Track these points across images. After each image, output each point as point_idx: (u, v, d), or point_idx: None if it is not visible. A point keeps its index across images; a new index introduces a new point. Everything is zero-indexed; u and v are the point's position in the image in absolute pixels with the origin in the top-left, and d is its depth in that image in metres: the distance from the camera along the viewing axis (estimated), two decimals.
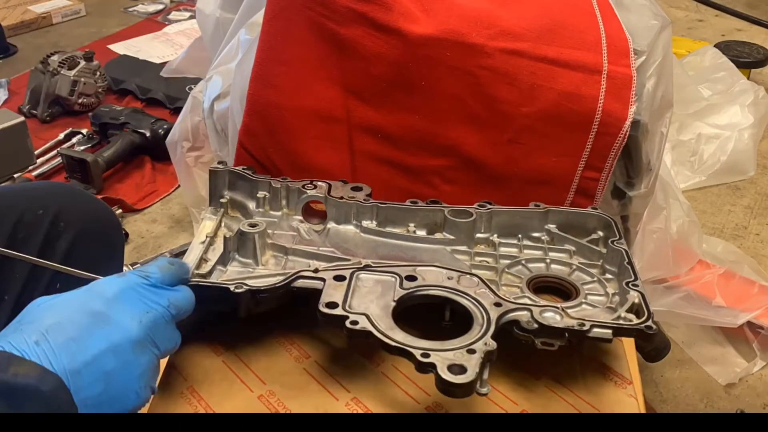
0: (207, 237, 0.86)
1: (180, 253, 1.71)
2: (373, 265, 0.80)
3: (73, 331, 0.59)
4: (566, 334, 0.71)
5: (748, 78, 2.40)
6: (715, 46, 2.49)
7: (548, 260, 0.86)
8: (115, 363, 0.60)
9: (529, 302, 0.76)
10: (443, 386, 0.64)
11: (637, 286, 0.76)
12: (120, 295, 0.64)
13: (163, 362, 0.78)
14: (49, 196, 0.99)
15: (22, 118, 1.95)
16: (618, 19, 1.04)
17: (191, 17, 3.19)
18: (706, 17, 3.22)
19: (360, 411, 0.73)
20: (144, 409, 0.73)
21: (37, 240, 0.93)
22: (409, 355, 0.66)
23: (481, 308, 0.73)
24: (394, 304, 0.73)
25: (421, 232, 0.90)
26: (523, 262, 0.86)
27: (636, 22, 1.05)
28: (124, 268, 1.62)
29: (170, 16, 3.30)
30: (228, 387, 0.76)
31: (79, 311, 0.61)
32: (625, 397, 0.75)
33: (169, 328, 0.66)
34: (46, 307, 0.62)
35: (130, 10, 3.39)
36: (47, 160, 2.16)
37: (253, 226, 0.85)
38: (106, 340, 0.60)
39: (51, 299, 0.63)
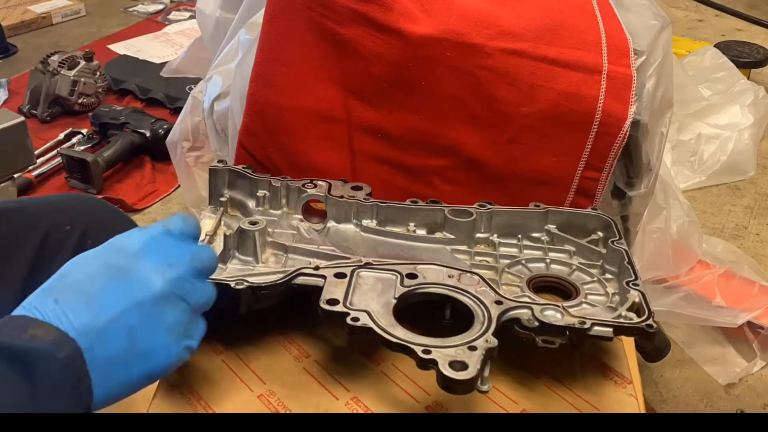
0: (207, 235, 0.86)
1: None
2: (373, 262, 0.80)
3: (93, 287, 0.59)
4: (567, 332, 0.71)
5: (748, 78, 2.40)
6: (715, 46, 2.49)
7: (548, 260, 0.86)
8: (138, 317, 0.59)
9: (529, 301, 0.76)
10: (444, 383, 0.64)
11: (637, 285, 0.77)
12: (142, 249, 0.62)
13: None
14: (76, 210, 0.99)
15: (22, 118, 1.95)
16: (618, 19, 1.04)
17: (191, 17, 3.19)
18: (706, 17, 3.22)
19: (360, 410, 0.73)
20: (144, 409, 0.73)
21: (65, 257, 0.93)
22: (410, 352, 0.67)
23: (481, 306, 0.73)
24: (395, 301, 0.73)
25: (421, 232, 0.90)
26: (523, 261, 0.86)
27: (636, 22, 1.05)
28: None
29: (170, 16, 3.31)
30: (228, 386, 0.76)
31: (100, 267, 0.61)
32: (625, 397, 0.75)
33: (197, 281, 0.64)
34: (69, 265, 0.61)
35: (130, 10, 3.39)
36: (47, 160, 2.16)
37: (253, 223, 0.85)
38: (128, 296, 0.59)
39: (76, 258, 0.62)
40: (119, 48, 2.94)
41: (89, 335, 0.56)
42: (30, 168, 2.06)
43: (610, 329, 0.71)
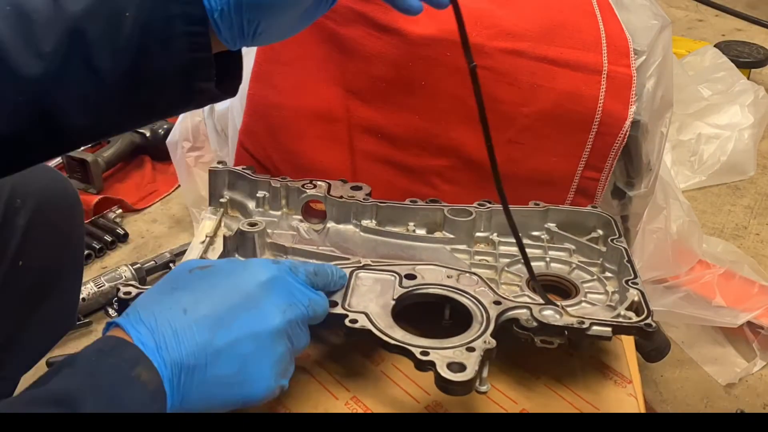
0: (207, 237, 0.86)
1: (180, 253, 1.71)
2: (372, 263, 0.80)
3: (221, 308, 0.61)
4: (566, 332, 0.71)
5: (748, 78, 2.39)
6: (715, 46, 2.49)
7: (548, 259, 0.86)
8: (252, 348, 0.61)
9: (528, 300, 0.76)
10: (443, 384, 0.64)
11: (636, 284, 0.77)
12: (271, 281, 0.65)
13: None
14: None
15: None
16: (618, 19, 1.04)
17: None
18: (706, 17, 3.22)
19: (359, 410, 0.73)
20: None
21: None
22: (408, 354, 0.67)
23: (480, 306, 0.73)
24: (393, 302, 0.73)
25: (421, 231, 0.90)
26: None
27: (636, 22, 1.05)
28: (125, 267, 1.62)
29: None
30: None
31: (231, 289, 0.63)
32: (625, 396, 0.75)
33: (304, 327, 0.67)
34: (199, 275, 0.64)
35: None
36: None
37: (252, 225, 0.85)
38: (249, 325, 0.62)
39: (204, 265, 0.65)
40: None
41: (206, 353, 0.59)
42: None
43: (609, 329, 0.71)
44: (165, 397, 0.57)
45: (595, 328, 0.71)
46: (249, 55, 1.07)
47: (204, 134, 1.51)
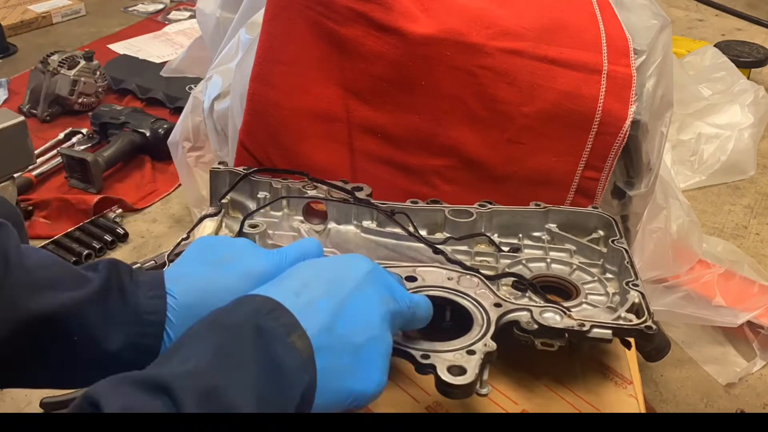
0: None
1: (178, 253, 1.70)
2: None
3: (333, 294, 0.59)
4: (566, 335, 0.71)
5: (748, 78, 2.39)
6: (715, 45, 2.48)
7: (549, 260, 0.86)
8: (365, 337, 0.59)
9: (529, 302, 0.76)
10: (443, 387, 0.64)
11: (637, 285, 0.76)
12: (374, 272, 0.64)
13: None
14: None
15: (22, 118, 1.94)
16: (618, 19, 1.04)
17: (191, 17, 3.18)
18: (706, 17, 3.22)
19: (359, 410, 0.73)
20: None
21: None
22: (408, 357, 0.66)
23: (480, 309, 0.73)
24: None
25: (422, 232, 0.90)
26: (524, 261, 0.86)
27: (636, 22, 1.05)
28: None
29: (170, 16, 3.30)
30: None
31: (338, 276, 0.61)
32: (625, 397, 0.75)
33: (399, 325, 0.65)
34: (300, 265, 0.63)
35: (130, 9, 3.39)
36: (47, 160, 2.16)
37: (253, 226, 0.85)
38: (361, 313, 0.60)
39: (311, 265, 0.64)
40: (119, 48, 2.94)
41: (331, 336, 0.57)
42: (30, 168, 2.06)
43: (609, 331, 0.71)
44: (315, 369, 0.56)
45: (595, 330, 0.71)
46: (249, 53, 1.07)
47: (204, 134, 1.51)
